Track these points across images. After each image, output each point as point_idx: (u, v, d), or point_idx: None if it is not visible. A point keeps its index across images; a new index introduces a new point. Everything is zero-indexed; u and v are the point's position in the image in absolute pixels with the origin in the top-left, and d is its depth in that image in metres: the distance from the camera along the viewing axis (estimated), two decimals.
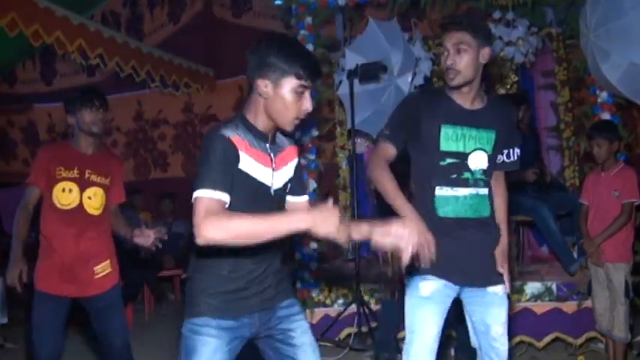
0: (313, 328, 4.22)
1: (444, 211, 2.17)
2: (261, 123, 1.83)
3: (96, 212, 2.89)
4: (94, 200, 2.88)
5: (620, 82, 3.78)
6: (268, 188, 1.86)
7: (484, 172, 2.20)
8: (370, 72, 4.21)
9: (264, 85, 1.77)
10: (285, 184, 1.93)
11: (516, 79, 4.93)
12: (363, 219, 3.54)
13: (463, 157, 2.17)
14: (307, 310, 4.30)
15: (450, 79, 2.17)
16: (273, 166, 1.87)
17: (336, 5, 4.44)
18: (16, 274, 2.72)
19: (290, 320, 1.97)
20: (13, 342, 5.20)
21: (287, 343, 1.96)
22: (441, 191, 2.17)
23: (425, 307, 2.20)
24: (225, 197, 1.69)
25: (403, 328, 3.97)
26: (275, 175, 1.87)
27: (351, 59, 4.45)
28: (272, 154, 1.87)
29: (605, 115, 4.03)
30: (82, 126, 2.87)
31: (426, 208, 2.16)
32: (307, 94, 1.78)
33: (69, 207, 2.84)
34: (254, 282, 1.90)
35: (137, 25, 7.31)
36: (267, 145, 1.86)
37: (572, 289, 3.99)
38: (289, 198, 1.98)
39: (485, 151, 2.19)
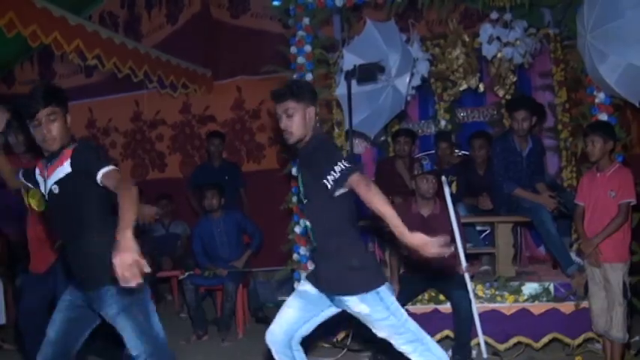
0: None
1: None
2: None
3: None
4: None
5: (618, 82, 3.79)
6: (43, 195, 2.50)
7: (306, 205, 2.66)
8: (368, 73, 4.21)
9: None
10: (53, 186, 2.43)
11: (515, 79, 4.93)
12: (363, 219, 3.55)
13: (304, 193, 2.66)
14: None
15: (286, 139, 2.64)
16: (45, 175, 2.48)
17: (333, 6, 4.45)
18: None
19: (102, 303, 2.44)
20: (11, 343, 5.19)
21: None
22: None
23: (294, 295, 2.74)
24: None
25: None
26: (45, 183, 2.47)
27: (349, 60, 4.45)
28: (46, 168, 2.48)
29: (603, 116, 4.03)
30: None
31: None
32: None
33: None
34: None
35: (135, 25, 7.29)
36: (47, 162, 2.48)
37: (569, 290, 4.00)
38: None
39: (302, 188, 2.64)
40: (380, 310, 2.49)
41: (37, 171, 2.57)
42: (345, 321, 2.83)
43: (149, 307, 2.47)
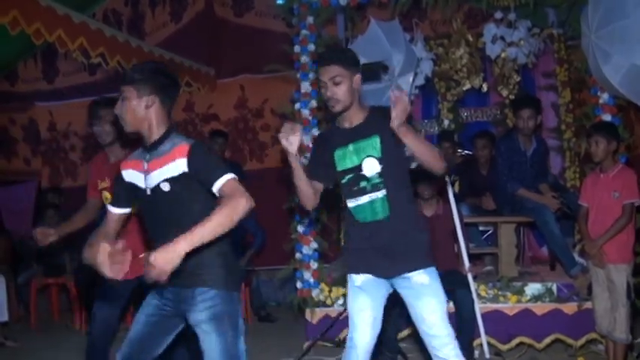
0: (313, 328, 4.26)
1: (357, 217, 2.54)
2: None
3: None
4: None
5: (622, 83, 3.78)
6: (143, 189, 2.22)
7: (380, 174, 2.47)
8: (371, 72, 4.21)
9: None
10: (162, 182, 2.16)
11: (518, 79, 4.93)
12: None
13: (357, 169, 2.49)
14: (307, 310, 4.31)
15: (332, 107, 2.50)
16: (145, 168, 2.21)
17: (337, 5, 4.44)
18: None
19: (192, 304, 2.21)
20: (13, 340, 5.22)
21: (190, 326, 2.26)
22: (350, 203, 2.54)
23: (358, 295, 2.54)
24: (117, 210, 2.36)
25: (404, 328, 4.01)
26: (148, 177, 2.20)
27: None
28: (146, 160, 2.22)
29: (606, 117, 4.02)
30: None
31: (349, 217, 2.58)
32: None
33: None
34: None
35: (139, 24, 7.29)
36: (146, 153, 2.23)
37: (572, 291, 3.99)
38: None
39: (374, 156, 2.47)
40: (436, 285, 2.50)
41: (128, 169, 2.31)
42: (347, 320, 2.81)
43: (239, 324, 2.24)
